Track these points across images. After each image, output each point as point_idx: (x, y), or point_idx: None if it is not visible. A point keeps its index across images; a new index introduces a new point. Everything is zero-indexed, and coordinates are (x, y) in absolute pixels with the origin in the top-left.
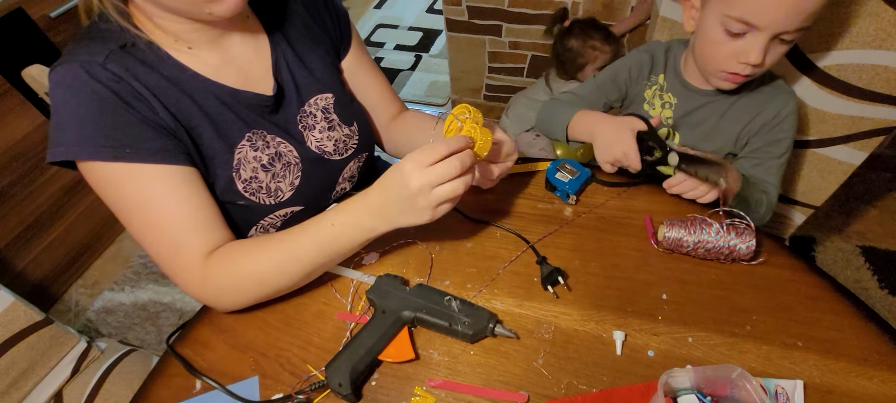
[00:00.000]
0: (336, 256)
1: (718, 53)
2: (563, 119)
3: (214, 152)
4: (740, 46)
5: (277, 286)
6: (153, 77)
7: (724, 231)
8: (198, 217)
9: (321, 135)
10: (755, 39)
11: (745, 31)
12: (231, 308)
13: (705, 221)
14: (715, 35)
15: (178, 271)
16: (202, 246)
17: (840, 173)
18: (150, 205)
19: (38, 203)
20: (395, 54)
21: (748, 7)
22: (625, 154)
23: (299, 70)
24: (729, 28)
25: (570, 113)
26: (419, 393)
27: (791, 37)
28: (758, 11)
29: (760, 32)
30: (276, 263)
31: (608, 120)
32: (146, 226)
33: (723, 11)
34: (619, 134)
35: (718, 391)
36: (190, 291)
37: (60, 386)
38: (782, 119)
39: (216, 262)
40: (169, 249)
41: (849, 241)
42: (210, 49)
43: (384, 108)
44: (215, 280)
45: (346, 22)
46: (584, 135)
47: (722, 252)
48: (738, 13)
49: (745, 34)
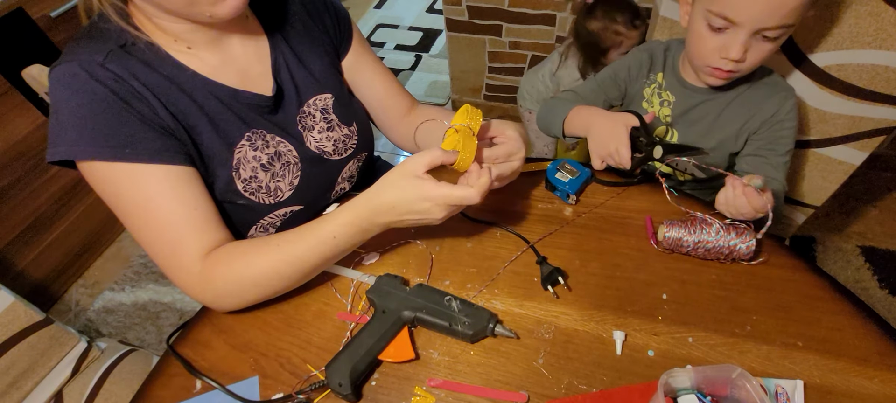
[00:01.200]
0: (336, 256)
1: (703, 48)
2: (561, 114)
3: (214, 151)
4: (722, 42)
5: (276, 287)
6: (153, 76)
7: (724, 231)
8: (196, 217)
9: (320, 135)
10: (735, 35)
11: (726, 27)
12: (229, 308)
13: (705, 221)
14: (700, 30)
15: (176, 271)
16: (200, 246)
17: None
18: (149, 205)
19: (38, 203)
20: (396, 54)
21: (727, 2)
22: (617, 150)
23: (298, 70)
24: (711, 23)
25: (567, 109)
26: (419, 393)
27: (774, 34)
28: (735, 7)
29: (740, 28)
30: (274, 265)
31: (604, 114)
32: (145, 226)
33: (705, 6)
34: (614, 129)
35: (718, 391)
36: (188, 291)
37: (60, 386)
38: (782, 117)
39: (215, 263)
40: (167, 249)
41: (849, 241)
42: (209, 49)
43: (394, 104)
44: (214, 280)
45: (346, 21)
46: (580, 129)
47: (722, 252)
48: (717, 8)
49: (726, 30)
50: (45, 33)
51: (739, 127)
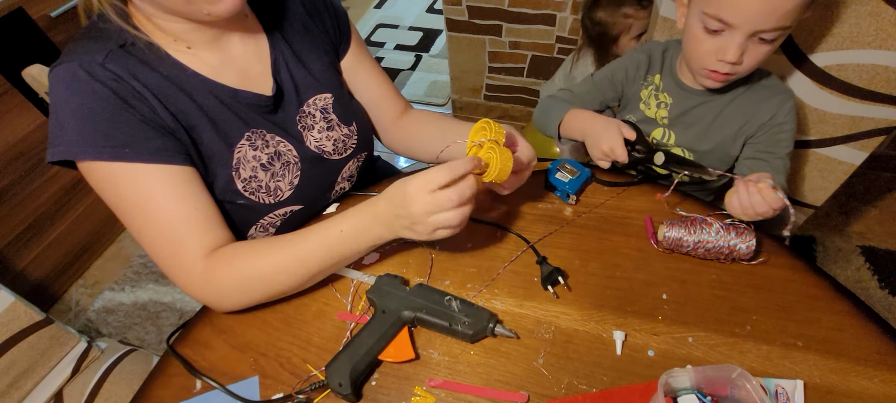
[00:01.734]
0: (341, 260)
1: (700, 50)
2: (556, 117)
3: (213, 151)
4: (719, 44)
5: (281, 288)
6: (153, 76)
7: (724, 231)
8: (197, 216)
9: (320, 134)
10: (732, 37)
11: (722, 29)
12: (232, 308)
13: (705, 221)
14: (696, 32)
15: (177, 271)
16: (202, 245)
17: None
18: (148, 205)
19: (38, 203)
20: (396, 54)
21: (723, 5)
22: (612, 148)
23: (298, 70)
24: (707, 25)
25: (563, 111)
26: (419, 393)
27: (770, 36)
28: (732, 9)
29: (736, 30)
30: (280, 265)
31: (599, 118)
32: (145, 226)
33: (702, 8)
34: (608, 130)
35: (718, 391)
36: (189, 291)
37: (60, 386)
38: (781, 119)
39: (219, 263)
40: (168, 249)
41: (849, 241)
42: (209, 49)
43: (386, 106)
44: (218, 280)
45: (346, 22)
46: (577, 133)
47: (722, 252)
48: (713, 11)
49: (722, 31)
50: (45, 33)
51: (737, 129)
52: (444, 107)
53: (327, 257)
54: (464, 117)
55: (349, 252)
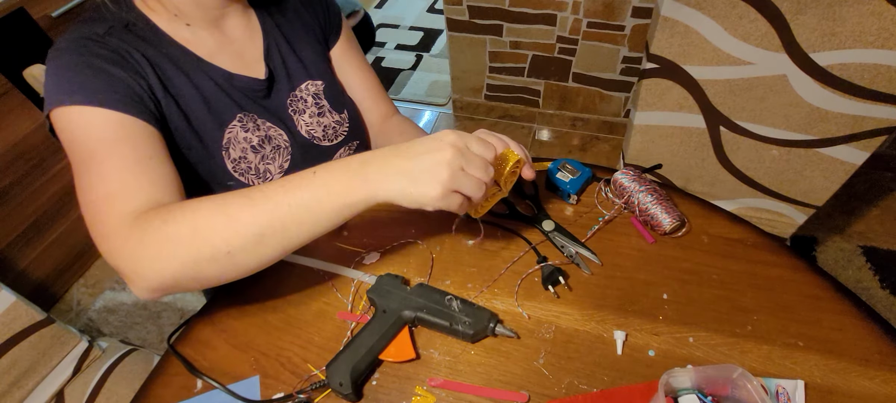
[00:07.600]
0: (317, 206)
1: None
2: None
3: (205, 129)
4: None
5: (219, 242)
6: (151, 50)
7: (660, 205)
8: (145, 169)
9: (311, 119)
10: None
11: None
12: (153, 275)
13: (655, 188)
14: None
15: (102, 229)
16: (138, 200)
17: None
18: (100, 150)
19: (39, 203)
20: (396, 54)
21: None
22: None
23: (289, 56)
24: None
25: None
26: (420, 393)
27: None
28: None
29: None
30: (225, 210)
31: None
32: (89, 173)
33: None
34: None
35: (719, 391)
36: (110, 254)
37: (62, 386)
38: None
39: (148, 214)
40: (102, 205)
41: (850, 241)
42: (208, 29)
43: (369, 107)
44: (140, 230)
45: (336, 14)
46: None
47: (648, 215)
48: None
49: None
50: (46, 33)
51: None
52: (444, 106)
53: (300, 192)
54: (465, 117)
55: (314, 199)
